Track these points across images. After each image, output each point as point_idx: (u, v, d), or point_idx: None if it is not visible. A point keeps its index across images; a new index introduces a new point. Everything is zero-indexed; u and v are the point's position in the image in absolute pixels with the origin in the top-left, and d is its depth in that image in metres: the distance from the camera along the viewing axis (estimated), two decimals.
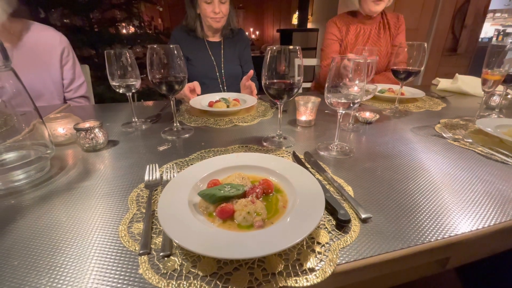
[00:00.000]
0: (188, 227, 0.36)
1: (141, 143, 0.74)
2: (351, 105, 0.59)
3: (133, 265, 0.34)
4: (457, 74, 1.42)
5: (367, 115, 0.87)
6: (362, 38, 1.44)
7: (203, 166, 0.52)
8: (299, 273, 0.33)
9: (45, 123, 0.60)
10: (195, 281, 0.32)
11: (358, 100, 0.59)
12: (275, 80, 0.63)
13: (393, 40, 1.46)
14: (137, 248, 0.37)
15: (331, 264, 0.34)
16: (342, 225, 0.40)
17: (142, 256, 0.35)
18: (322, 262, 0.34)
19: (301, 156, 0.63)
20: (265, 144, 0.72)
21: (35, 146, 0.59)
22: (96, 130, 0.68)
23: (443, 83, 1.44)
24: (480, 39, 3.46)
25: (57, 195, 0.50)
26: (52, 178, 0.57)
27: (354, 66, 0.60)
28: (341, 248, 0.37)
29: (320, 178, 0.54)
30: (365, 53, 0.84)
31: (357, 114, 0.89)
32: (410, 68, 0.93)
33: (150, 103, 1.19)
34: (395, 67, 0.95)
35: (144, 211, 0.45)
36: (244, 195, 0.44)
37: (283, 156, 0.64)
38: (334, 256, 0.35)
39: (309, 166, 0.59)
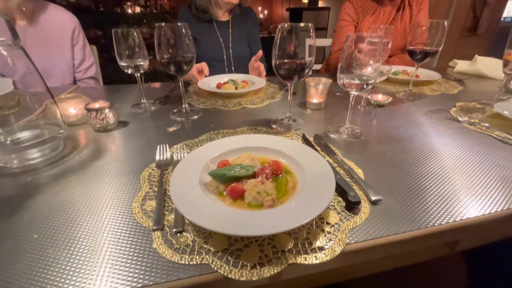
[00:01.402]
0: (199, 205, 0.36)
1: (150, 124, 0.75)
2: (365, 86, 0.58)
3: (147, 240, 0.36)
4: (476, 56, 1.35)
5: (380, 97, 0.84)
6: (381, 21, 1.34)
7: (213, 146, 0.52)
8: (309, 251, 0.33)
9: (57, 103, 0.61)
10: (207, 256, 0.33)
11: (372, 81, 0.57)
12: (285, 60, 0.61)
13: (413, 19, 1.35)
14: (150, 225, 0.38)
15: (340, 243, 0.34)
16: (352, 206, 0.40)
17: (156, 232, 0.37)
18: (331, 242, 0.35)
19: (311, 139, 0.63)
20: (274, 126, 0.71)
21: (48, 125, 0.60)
22: (107, 110, 0.69)
23: (461, 65, 1.37)
24: (502, 19, 3.26)
25: (71, 173, 0.52)
26: (66, 157, 0.58)
27: (369, 46, 0.57)
28: (350, 228, 0.37)
29: (330, 160, 0.54)
30: (381, 32, 0.81)
31: (369, 97, 0.86)
32: (428, 48, 0.89)
33: (158, 84, 1.18)
34: (411, 47, 0.90)
35: (156, 189, 0.46)
36: (253, 175, 0.44)
37: (292, 139, 0.63)
38: (344, 235, 0.35)
39: (318, 148, 0.59)
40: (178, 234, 0.36)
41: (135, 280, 0.30)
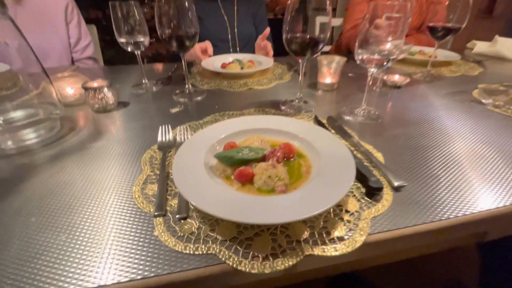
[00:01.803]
0: (205, 190, 0.33)
1: (152, 105, 0.71)
2: (385, 63, 0.52)
3: (148, 227, 0.32)
4: (496, 36, 1.26)
5: (396, 78, 0.79)
6: None
7: (220, 127, 0.48)
8: (327, 241, 0.30)
9: (53, 82, 0.57)
10: (214, 245, 0.30)
11: (394, 57, 0.51)
12: (298, 34, 0.55)
13: None
14: (151, 210, 0.35)
15: (362, 233, 0.31)
16: (373, 193, 0.36)
17: (158, 218, 0.33)
18: (352, 231, 0.31)
19: (324, 121, 0.58)
20: (283, 108, 0.66)
21: (43, 105, 0.56)
22: (105, 89, 0.65)
23: (480, 46, 1.29)
24: None
25: (69, 155, 0.49)
26: (63, 138, 0.55)
27: (389, 20, 0.51)
28: (372, 217, 0.33)
29: (346, 143, 0.50)
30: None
31: (385, 78, 0.80)
32: (450, 24, 0.81)
33: (160, 65, 1.13)
34: (431, 24, 0.83)
35: (158, 172, 0.42)
36: (263, 159, 0.41)
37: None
38: (365, 225, 0.32)
39: (333, 131, 0.54)
40: (182, 221, 0.33)
41: (133, 272, 0.27)
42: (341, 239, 0.30)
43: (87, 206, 0.36)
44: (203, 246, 0.30)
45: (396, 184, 0.38)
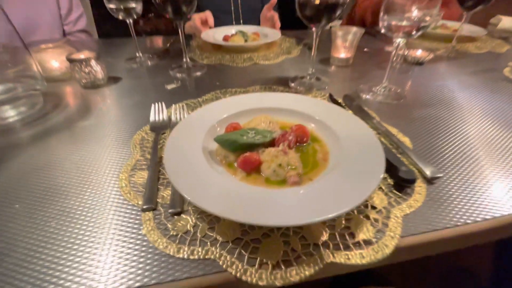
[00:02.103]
0: (203, 180, 0.27)
1: (146, 81, 0.64)
2: (414, 31, 0.45)
3: (134, 224, 0.27)
4: None
5: (419, 53, 0.70)
6: None
7: (221, 106, 0.41)
8: (351, 245, 0.25)
9: (34, 54, 0.50)
10: (213, 248, 0.24)
11: (426, 24, 0.44)
12: None
13: None
14: (139, 202, 0.29)
15: (393, 235, 0.25)
16: (403, 185, 0.31)
17: (146, 213, 0.28)
18: (381, 233, 0.26)
19: (340, 100, 0.52)
20: (292, 85, 0.59)
21: (22, 79, 0.50)
22: (93, 62, 0.58)
23: (506, 22, 1.17)
24: None
25: (53, 135, 0.43)
26: (47, 116, 0.49)
27: None
28: (404, 215, 0.28)
29: None
30: None
31: (405, 53, 0.72)
32: None
33: (156, 38, 1.04)
34: None
35: (149, 157, 0.36)
36: (272, 143, 0.35)
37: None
38: (397, 225, 0.26)
39: (350, 111, 0.48)
40: (175, 217, 0.28)
41: (115, 279, 0.22)
42: (368, 242, 0.25)
43: (67, 193, 0.31)
44: (200, 249, 0.24)
45: (430, 175, 0.32)
